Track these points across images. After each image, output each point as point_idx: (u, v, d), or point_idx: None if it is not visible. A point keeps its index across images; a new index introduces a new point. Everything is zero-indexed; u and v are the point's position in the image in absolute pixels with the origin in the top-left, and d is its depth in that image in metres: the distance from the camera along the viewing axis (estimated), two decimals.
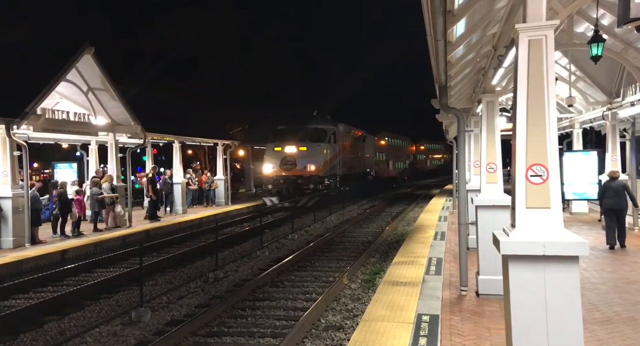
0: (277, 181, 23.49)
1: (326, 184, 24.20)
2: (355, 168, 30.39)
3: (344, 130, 27.86)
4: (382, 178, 39.14)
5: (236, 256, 12.18)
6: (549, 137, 3.14)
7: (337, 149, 25.62)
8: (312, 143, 23.88)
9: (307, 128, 24.67)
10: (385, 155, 42.90)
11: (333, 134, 25.34)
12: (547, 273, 3.06)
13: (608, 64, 10.84)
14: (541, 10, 3.18)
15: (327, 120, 26.88)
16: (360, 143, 33.12)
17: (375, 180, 36.72)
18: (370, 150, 36.71)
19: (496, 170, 7.02)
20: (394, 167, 46.29)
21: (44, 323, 7.36)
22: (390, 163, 44.88)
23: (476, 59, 7.69)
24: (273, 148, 24.22)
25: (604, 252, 9.50)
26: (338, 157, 25.79)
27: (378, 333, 5.19)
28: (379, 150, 40.59)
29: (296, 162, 23.37)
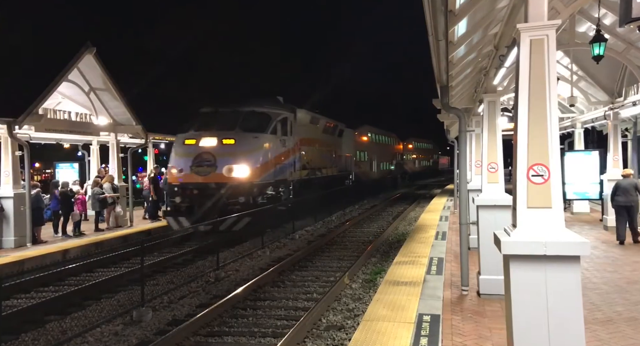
0: (187, 191, 14.26)
1: (268, 195, 15.15)
2: (325, 171, 22.06)
3: (304, 119, 19.39)
4: (364, 182, 31.62)
5: (237, 255, 12.18)
6: (550, 136, 3.14)
7: (290, 144, 17.06)
8: (244, 134, 14.82)
9: (239, 112, 15.58)
10: (368, 154, 35.22)
11: (282, 122, 16.44)
12: (548, 273, 3.06)
13: (610, 63, 10.83)
14: (543, 10, 3.18)
15: (276, 103, 17.80)
16: (335, 138, 25.16)
17: (356, 184, 29.14)
18: (349, 147, 28.92)
19: (497, 169, 7.02)
20: (378, 169, 38.50)
21: (46, 322, 7.37)
22: (373, 163, 37.21)
23: (477, 58, 7.69)
24: (183, 140, 14.95)
25: (605, 251, 9.49)
26: (292, 154, 17.30)
27: (379, 333, 5.19)
28: (360, 147, 32.96)
29: (216, 162, 14.18)
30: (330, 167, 23.48)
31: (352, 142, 30.23)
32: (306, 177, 19.08)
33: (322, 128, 22.67)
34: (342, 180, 26.40)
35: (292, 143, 17.37)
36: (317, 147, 21.41)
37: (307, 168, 19.34)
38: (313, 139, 20.73)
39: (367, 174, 34.61)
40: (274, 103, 17.47)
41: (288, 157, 16.96)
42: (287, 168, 16.79)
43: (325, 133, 23.19)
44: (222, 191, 14.03)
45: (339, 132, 26.16)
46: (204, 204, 13.96)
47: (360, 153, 33.25)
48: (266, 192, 15.13)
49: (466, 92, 10.89)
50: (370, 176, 35.47)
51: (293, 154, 17.51)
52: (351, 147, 29.71)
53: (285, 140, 16.67)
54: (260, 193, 14.75)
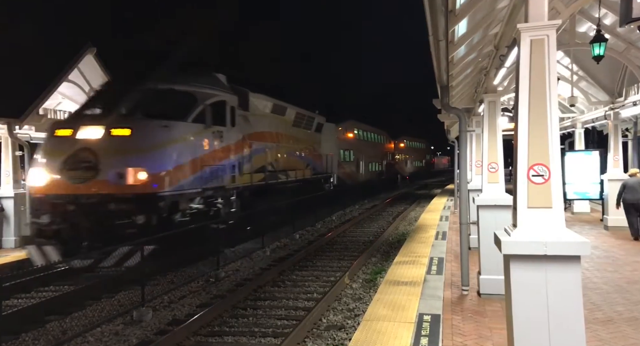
0: (57, 207, 9.67)
1: (192, 210, 10.80)
2: (294, 173, 17.97)
3: (260, 107, 15.30)
4: (348, 187, 27.47)
5: (237, 255, 12.19)
6: (550, 136, 3.14)
7: (231, 138, 12.51)
8: (146, 122, 10.26)
9: (145, 90, 11.02)
10: (354, 154, 30.93)
11: (216, 107, 11.84)
12: (548, 272, 3.06)
13: (610, 63, 10.83)
14: (543, 10, 3.18)
15: (213, 81, 12.60)
16: (310, 133, 21.03)
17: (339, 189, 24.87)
18: (331, 145, 24.53)
19: (498, 169, 7.02)
20: (366, 170, 33.95)
21: (46, 322, 7.37)
22: (361, 164, 32.68)
23: (478, 58, 7.69)
24: (54, 131, 10.31)
25: (606, 251, 9.49)
26: (236, 153, 12.78)
27: (379, 333, 5.20)
28: (344, 146, 29.08)
29: (99, 164, 9.62)
30: (303, 169, 19.30)
31: (335, 139, 26.03)
32: (261, 182, 14.67)
33: (292, 121, 18.43)
34: (319, 184, 21.94)
35: (235, 137, 12.66)
36: (283, 143, 17.06)
37: (264, 171, 14.94)
38: (276, 134, 16.38)
39: (352, 176, 30.41)
40: (208, 81, 12.25)
41: (227, 156, 12.17)
42: (225, 171, 12.01)
43: (297, 127, 19.00)
44: (109, 206, 9.34)
45: (316, 127, 21.80)
46: (83, 226, 9.35)
47: (344, 152, 29.18)
48: (188, 206, 10.58)
49: (466, 92, 10.90)
50: (356, 178, 31.18)
51: (237, 152, 12.80)
52: (333, 145, 25.39)
53: (222, 133, 11.83)
54: (174, 208, 10.10)
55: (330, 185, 24.14)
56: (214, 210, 11.70)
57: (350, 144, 30.45)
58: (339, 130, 28.09)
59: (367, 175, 34.39)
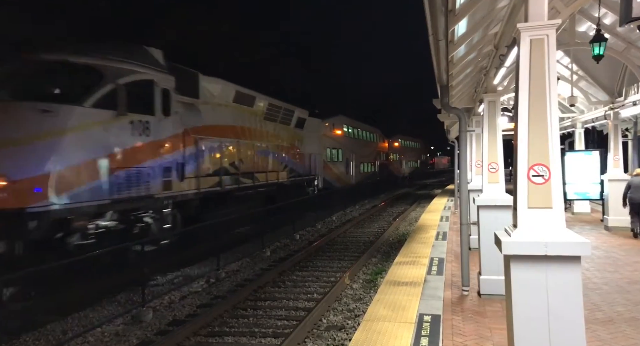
0: None
1: (99, 230, 8.31)
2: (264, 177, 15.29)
3: (216, 93, 12.66)
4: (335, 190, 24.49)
5: (237, 256, 12.19)
6: (550, 136, 3.14)
7: (165, 131, 9.97)
8: (14, 105, 7.61)
9: (22, 62, 8.41)
10: (343, 153, 28.22)
11: (138, 89, 9.18)
12: (549, 273, 3.05)
13: (610, 63, 10.81)
14: (543, 10, 3.17)
15: (131, 52, 9.65)
16: (289, 129, 18.33)
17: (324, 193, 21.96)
18: (315, 143, 21.81)
19: (498, 170, 7.02)
20: (356, 171, 31.06)
21: (46, 323, 7.37)
22: (351, 165, 29.81)
23: (478, 58, 7.68)
24: None
25: (606, 252, 9.48)
26: (172, 151, 10.28)
27: (380, 333, 5.19)
28: (332, 144, 26.33)
29: None
30: (278, 171, 16.54)
31: (320, 137, 23.09)
32: (215, 188, 11.95)
33: (263, 113, 15.55)
34: (300, 188, 19.39)
35: (170, 130, 9.93)
36: (250, 140, 14.34)
37: (220, 175, 12.26)
38: (240, 128, 13.79)
39: (341, 178, 27.57)
40: (129, 55, 9.27)
41: (157, 156, 9.45)
42: (154, 176, 9.35)
43: (270, 121, 16.25)
44: None
45: (297, 121, 18.88)
46: None
47: (332, 151, 26.26)
48: (89, 224, 8.06)
49: (466, 92, 10.89)
50: (345, 181, 28.26)
51: (175, 150, 10.12)
52: (318, 143, 22.38)
53: (147, 125, 9.10)
54: (65, 228, 7.65)
55: (314, 188, 21.19)
56: (140, 228, 9.08)
57: (339, 142, 27.45)
58: (326, 126, 24.99)
59: (359, 176, 31.45)
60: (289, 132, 18.40)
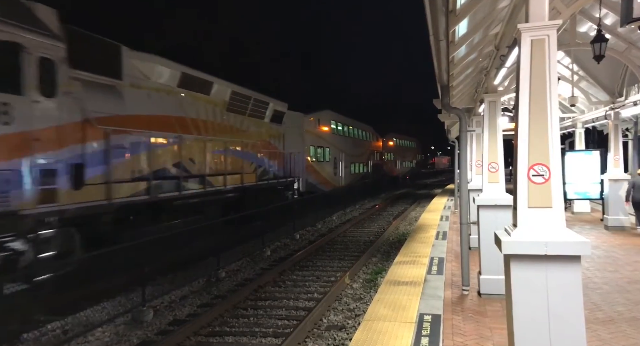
0: None
1: None
2: (222, 180, 12.80)
3: (143, 71, 10.03)
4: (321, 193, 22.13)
5: (238, 256, 12.19)
6: (551, 136, 3.14)
7: (36, 119, 7.07)
8: None
9: None
10: (330, 152, 25.27)
11: None
12: (549, 272, 3.06)
13: (611, 63, 10.82)
14: (544, 10, 3.18)
15: None
16: (263, 124, 15.96)
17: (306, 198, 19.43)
18: (297, 141, 19.81)
19: (498, 169, 7.02)
20: (346, 172, 28.34)
21: (47, 322, 7.38)
22: (340, 165, 26.99)
23: (478, 58, 7.69)
24: None
25: (606, 251, 9.49)
26: (44, 146, 7.21)
27: (380, 333, 5.20)
28: (317, 141, 23.40)
29: None
30: (245, 173, 13.98)
31: (303, 133, 21.00)
32: (139, 197, 9.38)
33: (224, 103, 13.07)
34: (276, 193, 16.62)
35: (54, 118, 7.47)
36: (201, 135, 11.87)
37: (149, 179, 9.67)
38: (187, 120, 11.34)
39: (328, 180, 24.43)
40: None
41: (30, 152, 7.04)
42: (21, 183, 6.88)
43: (236, 114, 13.79)
44: None
45: (273, 115, 16.44)
46: None
47: (317, 150, 23.41)
48: None
49: (467, 92, 10.90)
50: (333, 183, 25.36)
51: (64, 146, 7.68)
52: (301, 141, 20.36)
53: (7, 107, 6.69)
54: None
55: (294, 192, 18.66)
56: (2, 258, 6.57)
57: (325, 140, 24.46)
58: (310, 121, 22.27)
59: (349, 178, 28.71)
60: (261, 127, 15.75)
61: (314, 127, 23.17)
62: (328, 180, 24.77)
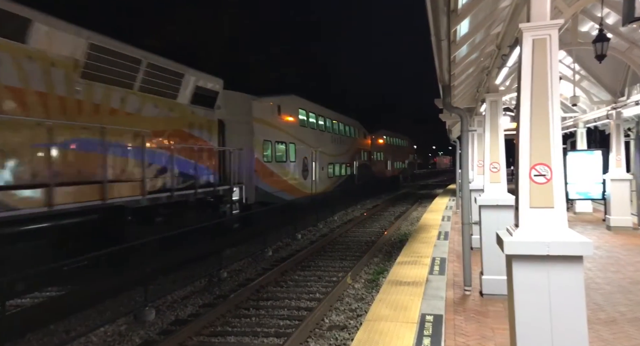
0: None
1: None
2: (67, 194, 7.64)
3: None
4: (279, 205, 16.85)
5: (239, 256, 12.20)
6: (552, 136, 3.14)
7: None
8: None
9: None
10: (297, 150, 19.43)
11: None
12: (551, 273, 3.06)
13: (613, 63, 10.79)
14: (545, 10, 3.17)
15: None
16: (173, 105, 10.89)
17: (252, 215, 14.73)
18: (240, 133, 14.82)
19: (500, 169, 7.01)
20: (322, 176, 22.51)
21: (50, 322, 7.39)
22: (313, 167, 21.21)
23: (480, 58, 7.67)
24: None
25: (609, 251, 9.47)
26: None
27: (382, 333, 5.19)
28: (277, 136, 17.61)
29: None
30: (129, 180, 9.32)
31: (252, 124, 15.47)
32: None
33: (77, 66, 8.16)
34: (197, 209, 11.55)
35: None
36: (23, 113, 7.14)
37: None
38: None
39: (293, 187, 18.64)
40: None
41: None
42: None
43: (110, 85, 8.90)
44: None
45: (196, 95, 11.66)
46: None
47: (277, 146, 17.36)
48: None
49: (468, 92, 10.88)
50: (302, 189, 19.62)
51: None
52: (249, 133, 15.29)
53: None
54: None
55: (234, 206, 13.05)
56: None
57: (290, 134, 18.58)
58: (264, 108, 16.35)
59: (326, 182, 22.96)
60: (173, 110, 10.87)
61: (271, 115, 16.98)
62: (293, 187, 18.82)
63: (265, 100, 16.86)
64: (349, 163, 27.97)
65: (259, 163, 15.97)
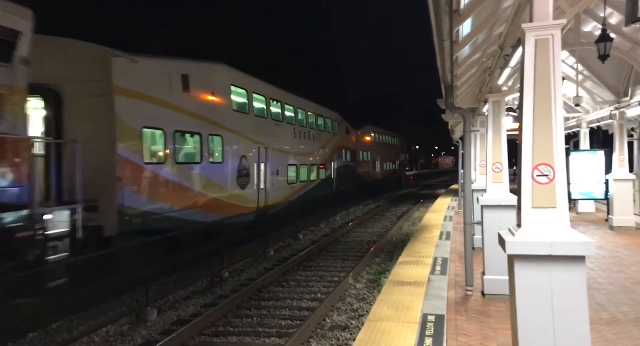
0: None
1: None
2: None
3: None
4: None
5: (241, 256, 12.21)
6: (555, 136, 3.13)
7: None
8: None
9: None
10: (223, 145, 12.84)
11: None
12: (553, 273, 3.05)
13: (616, 63, 10.76)
14: (548, 10, 3.17)
15: None
16: None
17: None
18: (88, 116, 8.72)
19: (502, 169, 7.00)
20: (277, 184, 16.36)
21: (52, 322, 7.41)
22: (259, 171, 14.86)
23: (482, 58, 7.67)
24: None
25: (611, 251, 9.45)
26: None
27: (383, 333, 5.19)
28: (179, 122, 11.05)
29: None
30: None
31: (112, 98, 9.19)
32: None
33: None
34: None
35: None
36: None
37: None
38: None
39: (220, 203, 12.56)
40: None
41: None
42: None
43: None
44: None
45: None
46: None
47: (177, 139, 11.27)
48: None
49: (471, 92, 10.87)
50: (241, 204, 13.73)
51: None
52: (105, 116, 9.21)
53: None
54: None
55: (56, 246, 7.40)
56: None
57: (210, 121, 12.36)
58: (140, 73, 10.08)
59: (283, 192, 16.86)
60: None
61: (164, 88, 10.72)
62: (219, 201, 12.54)
63: (148, 62, 10.63)
64: (324, 164, 22.04)
65: (128, 166, 9.47)
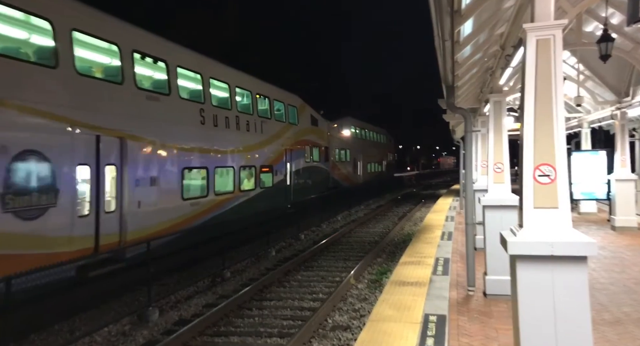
0: None
1: None
2: None
3: None
4: None
5: (243, 256, 12.21)
6: (556, 136, 3.13)
7: None
8: None
9: None
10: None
11: None
12: (555, 273, 3.05)
13: (617, 63, 10.74)
14: (549, 10, 3.17)
15: None
16: None
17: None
18: None
19: (503, 170, 7.00)
20: (128, 211, 8.76)
21: (54, 323, 7.43)
22: (97, 184, 8.02)
23: (483, 58, 7.66)
24: None
25: (613, 252, 9.44)
26: None
27: (385, 333, 5.19)
28: None
29: None
30: None
31: None
32: None
33: None
34: None
35: None
36: None
37: None
38: None
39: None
40: None
41: None
42: None
43: None
44: None
45: None
46: None
47: None
48: None
49: (472, 92, 10.86)
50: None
51: None
52: None
53: None
54: None
55: None
56: None
57: None
58: None
59: (162, 217, 10.10)
60: None
61: None
62: None
63: None
64: (269, 166, 15.94)
65: None
